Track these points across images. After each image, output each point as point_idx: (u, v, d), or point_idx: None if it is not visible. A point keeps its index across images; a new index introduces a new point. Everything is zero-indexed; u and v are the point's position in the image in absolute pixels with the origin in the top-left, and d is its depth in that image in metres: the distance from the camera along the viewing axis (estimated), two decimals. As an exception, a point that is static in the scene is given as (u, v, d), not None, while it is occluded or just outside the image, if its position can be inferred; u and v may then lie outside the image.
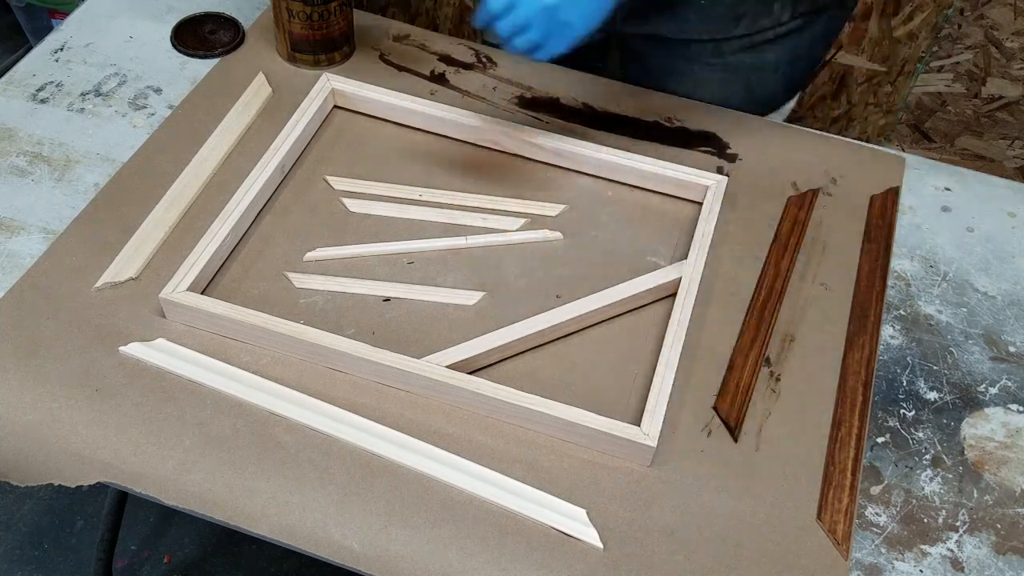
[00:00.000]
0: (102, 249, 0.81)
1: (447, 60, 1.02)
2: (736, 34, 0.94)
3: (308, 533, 0.67)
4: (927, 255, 0.89)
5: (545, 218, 0.88)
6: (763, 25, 0.94)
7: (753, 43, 0.95)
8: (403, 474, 0.70)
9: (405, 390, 0.74)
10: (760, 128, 0.98)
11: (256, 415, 0.72)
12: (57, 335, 0.75)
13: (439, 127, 0.94)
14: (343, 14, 0.96)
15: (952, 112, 1.53)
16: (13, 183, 0.87)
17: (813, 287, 0.84)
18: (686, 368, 0.77)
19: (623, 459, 0.71)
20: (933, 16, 1.42)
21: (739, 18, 0.92)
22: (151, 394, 0.72)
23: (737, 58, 0.96)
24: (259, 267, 0.82)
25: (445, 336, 0.78)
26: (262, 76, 0.97)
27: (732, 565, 0.67)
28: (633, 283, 0.81)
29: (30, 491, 1.47)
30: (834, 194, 0.92)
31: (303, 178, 0.90)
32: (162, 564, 1.42)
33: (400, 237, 0.85)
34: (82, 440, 0.70)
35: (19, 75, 0.97)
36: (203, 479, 0.68)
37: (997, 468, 0.74)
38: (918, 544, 0.70)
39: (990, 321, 0.84)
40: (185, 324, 0.77)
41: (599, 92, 1.00)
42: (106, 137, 0.91)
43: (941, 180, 0.96)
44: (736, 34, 0.94)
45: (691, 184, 0.89)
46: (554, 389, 0.75)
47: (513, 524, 0.68)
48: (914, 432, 0.76)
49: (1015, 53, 1.42)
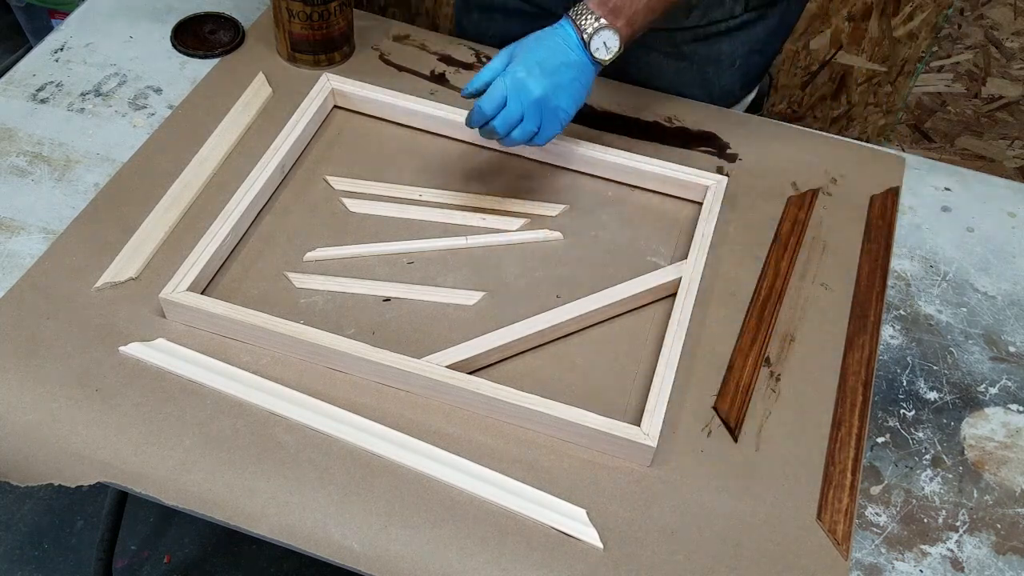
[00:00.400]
0: (102, 249, 0.81)
1: (447, 60, 1.02)
2: (687, 24, 0.94)
3: (308, 533, 0.67)
4: (927, 255, 0.89)
5: (545, 218, 0.88)
6: (715, 17, 0.94)
7: (707, 34, 0.96)
8: (403, 474, 0.70)
9: (405, 390, 0.74)
10: (760, 128, 0.98)
11: (256, 415, 0.72)
12: (57, 335, 0.75)
13: (439, 127, 0.94)
14: (343, 14, 0.96)
15: (952, 112, 1.53)
16: (13, 183, 0.87)
17: (813, 287, 0.84)
18: (686, 368, 0.77)
19: (623, 459, 0.71)
20: (933, 16, 1.41)
21: (690, 9, 0.93)
22: (151, 394, 0.72)
23: (691, 48, 0.97)
24: (259, 267, 0.82)
25: (445, 336, 0.78)
26: (262, 76, 0.97)
27: (732, 565, 0.67)
28: (633, 283, 0.81)
29: (30, 491, 1.47)
30: (834, 194, 0.92)
31: (303, 178, 0.89)
32: (162, 564, 1.42)
33: (400, 237, 0.85)
34: (82, 440, 0.70)
35: (19, 75, 0.97)
36: (203, 479, 0.68)
37: (997, 468, 0.74)
38: (918, 544, 0.70)
39: (990, 321, 0.84)
40: (185, 324, 0.77)
41: (599, 92, 1.00)
42: (106, 137, 0.91)
43: (941, 180, 0.96)
44: (687, 24, 0.94)
45: (691, 184, 0.89)
46: (554, 389, 0.75)
47: (513, 524, 0.68)
48: (914, 432, 0.76)
49: (1015, 53, 1.42)
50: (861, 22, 1.46)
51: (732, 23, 0.95)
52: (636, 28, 0.79)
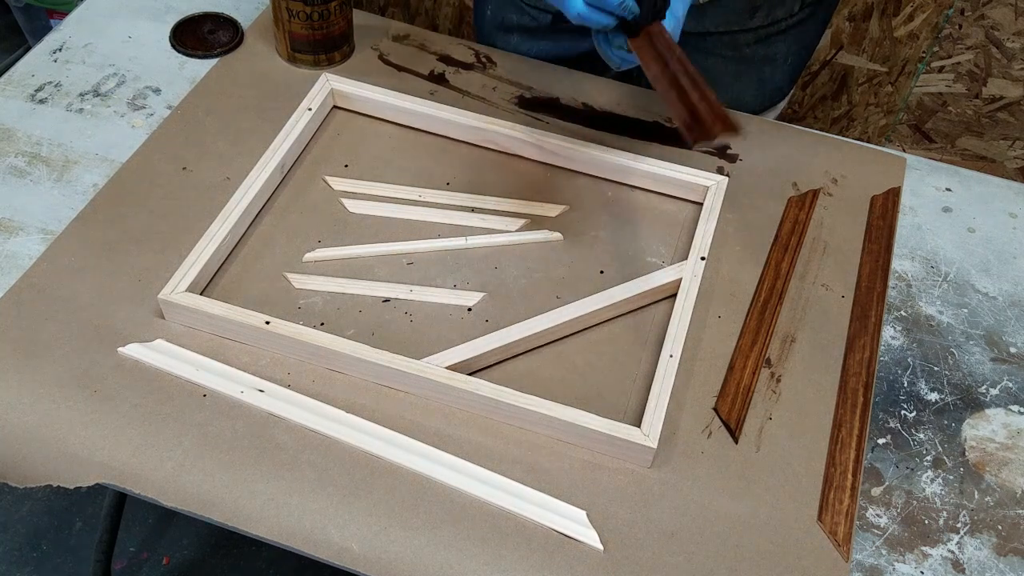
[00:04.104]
0: (101, 250, 0.81)
1: (447, 60, 1.02)
2: (751, 26, 0.95)
3: (307, 534, 0.66)
4: (928, 256, 0.89)
5: (545, 218, 0.88)
6: (777, 16, 0.95)
7: (768, 34, 0.97)
8: (403, 475, 0.69)
9: (404, 391, 0.74)
10: (761, 128, 0.98)
11: (255, 416, 0.72)
12: (56, 336, 0.75)
13: (439, 127, 0.94)
14: (343, 14, 0.96)
15: (953, 112, 1.53)
16: (12, 184, 0.86)
17: (814, 288, 0.84)
18: (686, 369, 0.77)
19: (623, 460, 0.71)
20: (934, 16, 1.41)
21: (755, 10, 0.93)
22: (150, 395, 0.72)
23: (752, 50, 0.98)
24: (258, 268, 0.82)
25: (445, 337, 0.78)
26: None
27: (732, 566, 0.67)
28: (633, 284, 0.81)
29: (29, 492, 1.47)
30: (835, 194, 0.92)
31: (302, 178, 0.89)
32: (161, 565, 1.41)
33: (400, 238, 0.85)
34: (81, 441, 0.69)
35: (18, 75, 0.97)
36: (202, 480, 0.68)
37: (998, 469, 0.74)
38: (919, 545, 0.69)
39: (991, 322, 0.84)
40: (184, 325, 0.76)
41: (599, 92, 0.99)
42: (105, 137, 0.91)
43: (942, 180, 0.96)
44: (751, 26, 0.95)
45: (691, 184, 0.89)
46: (554, 390, 0.75)
47: (513, 526, 0.67)
48: (915, 433, 0.76)
49: (1016, 53, 1.42)
50: (862, 22, 1.46)
51: (791, 21, 0.97)
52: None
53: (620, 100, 0.99)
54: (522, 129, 0.91)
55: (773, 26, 0.96)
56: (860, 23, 1.46)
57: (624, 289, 0.80)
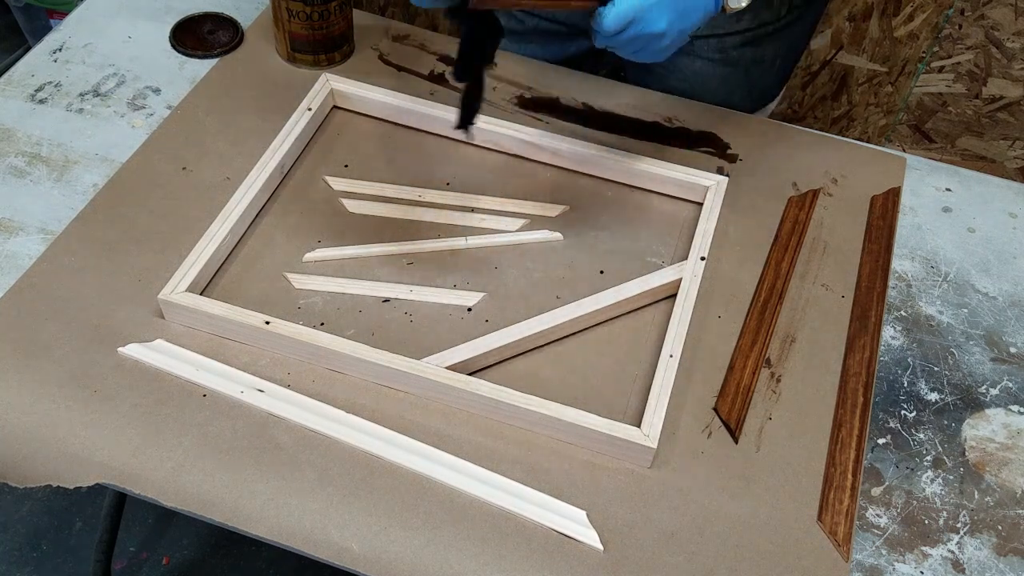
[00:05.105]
0: (101, 250, 0.81)
1: (447, 60, 1.02)
2: (738, 29, 0.95)
3: (307, 534, 0.66)
4: (928, 256, 0.89)
5: (545, 218, 0.88)
6: (764, 19, 0.95)
7: (755, 37, 0.96)
8: (403, 475, 0.69)
9: (404, 391, 0.74)
10: (760, 128, 0.98)
11: (255, 416, 0.72)
12: (56, 336, 0.75)
13: (439, 127, 0.94)
14: (343, 14, 0.96)
15: (953, 112, 1.53)
16: (12, 184, 0.86)
17: (814, 288, 0.84)
18: (686, 369, 0.77)
19: (623, 460, 0.71)
20: (934, 16, 1.41)
21: (742, 13, 0.93)
22: (150, 395, 0.72)
23: (739, 52, 0.98)
24: (258, 268, 0.82)
25: (445, 337, 0.78)
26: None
27: (732, 566, 0.67)
28: (633, 284, 0.81)
29: (29, 492, 1.47)
30: (835, 194, 0.92)
31: (302, 178, 0.89)
32: (161, 565, 1.41)
33: (400, 238, 0.85)
34: (80, 441, 0.69)
35: (18, 75, 0.97)
36: (202, 480, 0.68)
37: (998, 469, 0.74)
38: (919, 545, 0.69)
39: (991, 322, 0.84)
40: (184, 325, 0.76)
41: (599, 92, 0.99)
42: (105, 137, 0.91)
43: (942, 180, 0.96)
44: (738, 29, 0.95)
45: (691, 184, 0.89)
46: (554, 390, 0.75)
47: (513, 526, 0.67)
48: (915, 433, 0.76)
49: (1016, 53, 1.42)
50: (862, 22, 1.46)
51: (779, 24, 0.96)
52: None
53: (620, 100, 0.99)
54: (522, 129, 0.91)
55: (760, 29, 0.96)
56: (860, 23, 1.46)
57: (624, 289, 0.80)
